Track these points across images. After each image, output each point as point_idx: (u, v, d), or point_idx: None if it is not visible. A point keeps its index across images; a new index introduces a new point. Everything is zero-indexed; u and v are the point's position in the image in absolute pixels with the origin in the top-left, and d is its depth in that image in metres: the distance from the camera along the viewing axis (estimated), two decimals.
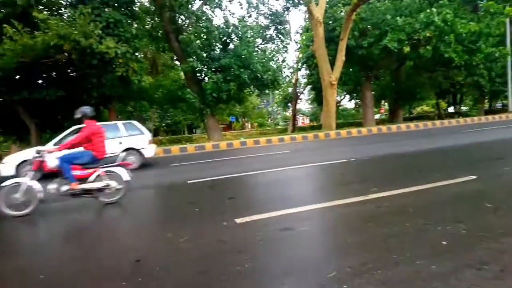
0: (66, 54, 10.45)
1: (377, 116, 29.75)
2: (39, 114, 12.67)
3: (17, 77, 11.35)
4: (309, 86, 27.51)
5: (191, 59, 14.66)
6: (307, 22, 21.65)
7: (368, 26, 16.84)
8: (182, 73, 18.17)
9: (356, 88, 22.97)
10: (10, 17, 10.02)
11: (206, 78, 14.93)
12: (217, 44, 15.71)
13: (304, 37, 21.81)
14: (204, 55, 15.19)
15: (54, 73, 12.17)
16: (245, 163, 8.30)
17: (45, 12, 10.93)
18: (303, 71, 25.89)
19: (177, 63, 18.29)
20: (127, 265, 2.53)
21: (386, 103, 33.30)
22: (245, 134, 27.74)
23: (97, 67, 11.20)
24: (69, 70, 12.18)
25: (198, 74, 15.59)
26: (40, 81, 12.33)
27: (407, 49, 15.56)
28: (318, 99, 22.94)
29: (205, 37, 15.25)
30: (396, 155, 7.42)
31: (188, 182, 5.86)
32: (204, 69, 14.94)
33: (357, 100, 32.54)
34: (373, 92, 21.35)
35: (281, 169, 6.53)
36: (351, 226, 3.07)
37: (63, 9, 12.46)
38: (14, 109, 12.14)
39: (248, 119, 50.64)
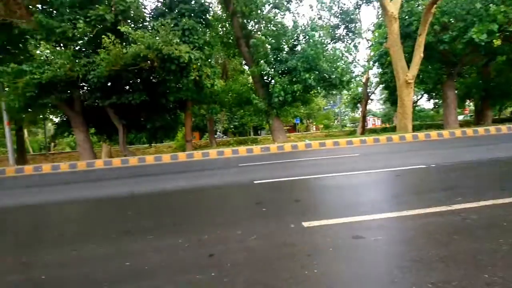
0: (149, 62, 11.64)
1: (460, 118, 26.55)
2: (125, 116, 14.34)
3: (108, 84, 13.01)
4: (381, 86, 25.95)
5: (259, 63, 15.05)
6: (380, 19, 20.48)
7: (451, 19, 15.17)
8: (250, 77, 18.79)
9: (436, 86, 20.81)
10: (102, 31, 11.51)
11: (273, 81, 15.13)
12: (285, 46, 15.84)
13: (376, 34, 20.66)
14: (272, 58, 15.43)
15: (138, 80, 13.63)
16: (310, 166, 8.18)
17: (132, 25, 12.37)
18: (375, 70, 24.53)
19: (246, 67, 18.98)
20: (202, 258, 2.70)
21: (471, 103, 29.53)
22: (309, 136, 27.33)
23: (174, 73, 12.26)
24: (151, 77, 13.53)
25: (265, 77, 15.92)
26: (127, 87, 13.94)
27: (498, 42, 13.59)
28: (392, 99, 21.45)
29: (273, 40, 15.52)
30: (484, 161, 6.52)
31: (255, 182, 6.00)
32: (271, 72, 15.18)
33: (437, 100, 29.54)
34: (456, 91, 19.09)
35: (350, 174, 6.27)
36: (432, 239, 2.78)
37: (147, 21, 13.91)
38: (105, 112, 13.96)
39: (313, 121, 49.81)
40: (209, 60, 13.14)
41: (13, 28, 11.61)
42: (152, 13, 13.96)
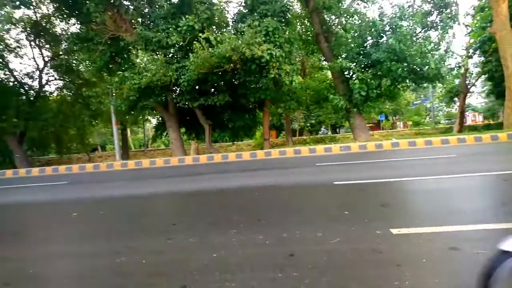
0: (232, 64, 12.27)
1: None
2: (211, 116, 15.44)
3: (196, 87, 14.15)
4: (483, 76, 22.32)
5: (339, 58, 14.47)
6: (483, 1, 17.69)
7: None
8: (329, 73, 18.23)
9: None
10: (192, 39, 12.52)
11: (354, 76, 14.36)
12: (369, 39, 14.87)
13: (478, 18, 17.91)
14: (354, 52, 14.66)
15: (222, 82, 14.50)
16: (398, 167, 7.51)
17: (216, 31, 13.22)
18: (475, 59, 21.25)
19: (325, 63, 18.48)
20: (282, 257, 2.73)
21: None
22: (396, 134, 25.15)
23: (255, 72, 12.69)
24: (233, 79, 14.25)
25: (346, 73, 15.22)
26: (212, 89, 14.96)
27: None
28: (497, 91, 18.35)
29: (356, 34, 14.74)
30: None
31: (335, 183, 5.79)
32: (352, 67, 14.43)
33: None
34: None
35: (446, 177, 5.54)
36: None
37: (230, 25, 14.68)
38: (194, 113, 15.25)
39: (400, 117, 45.67)
40: (289, 57, 13.17)
41: (119, 41, 13.56)
42: (235, 17, 14.66)
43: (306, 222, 3.77)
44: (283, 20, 13.79)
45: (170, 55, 13.83)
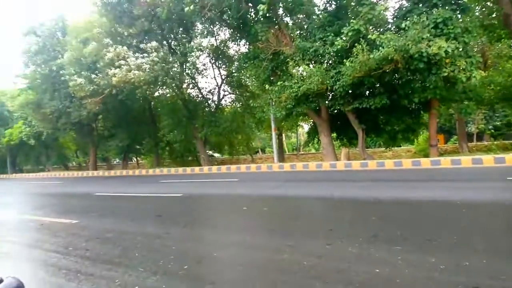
0: (392, 64, 11.32)
1: None
2: (364, 120, 14.72)
3: (350, 91, 13.80)
4: None
5: None
6: None
7: None
8: None
9: None
10: (352, 42, 12.31)
11: None
12: None
13: None
14: None
15: (378, 84, 13.59)
16: None
17: (375, 31, 12.50)
18: None
19: None
20: None
21: None
22: None
23: (421, 71, 11.27)
24: (392, 79, 13.09)
25: None
26: (367, 92, 14.23)
27: None
28: None
29: None
30: None
31: None
32: None
33: None
34: None
35: None
36: None
37: (389, 22, 13.61)
38: (346, 118, 14.94)
39: None
40: (465, 49, 10.98)
41: (280, 55, 14.91)
42: (396, 13, 13.47)
43: (494, 251, 3.04)
44: (457, 7, 11.65)
45: (326, 63, 14.10)
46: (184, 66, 18.57)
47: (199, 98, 22.67)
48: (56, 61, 19.66)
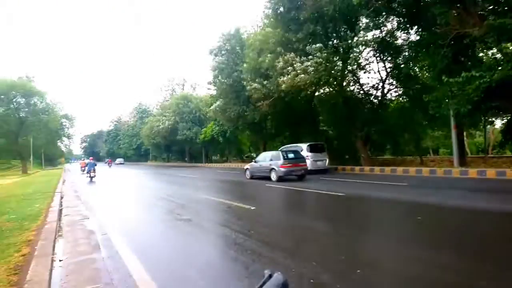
0: None
1: None
2: None
3: None
4: None
5: None
6: None
7: None
8: None
9: None
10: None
11: None
12: None
13: None
14: None
15: None
16: None
17: None
18: None
19: None
20: None
21: None
22: None
23: None
24: None
25: None
26: None
27: None
28: None
29: None
30: None
31: None
32: None
33: None
34: None
35: None
36: None
37: None
38: None
39: None
40: None
41: (463, 39, 12.34)
42: None
43: None
44: None
45: None
46: (346, 63, 18.33)
47: (360, 95, 21.86)
48: (236, 73, 23.65)
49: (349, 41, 17.24)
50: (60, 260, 3.87)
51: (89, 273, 3.41)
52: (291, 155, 13.22)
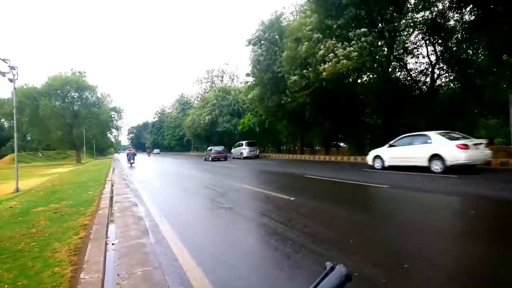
0: None
1: None
2: None
3: None
4: None
5: None
6: None
7: None
8: None
9: None
10: None
11: None
12: None
13: None
14: None
15: None
16: None
17: None
18: None
19: None
20: None
21: None
22: None
23: None
24: None
25: None
26: None
27: None
28: None
29: None
30: None
31: None
32: None
33: None
34: None
35: None
36: None
37: None
38: None
39: None
40: None
41: None
42: None
43: None
44: None
45: None
46: (392, 48, 17.27)
47: (407, 81, 20.52)
48: (276, 63, 23.29)
49: (396, 24, 16.16)
50: (113, 244, 4.18)
51: (139, 257, 3.64)
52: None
